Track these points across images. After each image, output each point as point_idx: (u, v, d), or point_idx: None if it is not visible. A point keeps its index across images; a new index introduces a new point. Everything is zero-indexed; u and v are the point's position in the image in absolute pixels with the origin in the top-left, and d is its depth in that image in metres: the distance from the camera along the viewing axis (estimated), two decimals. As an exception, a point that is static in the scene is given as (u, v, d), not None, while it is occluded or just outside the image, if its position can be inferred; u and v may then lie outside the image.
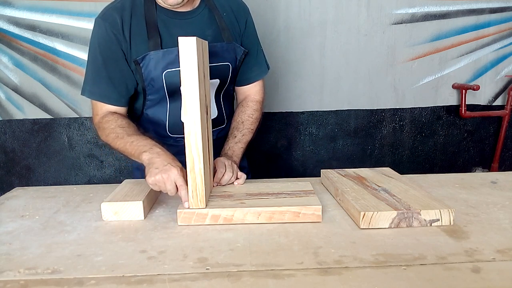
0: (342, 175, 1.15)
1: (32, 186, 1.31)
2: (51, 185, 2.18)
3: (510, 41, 2.29)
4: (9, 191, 1.21)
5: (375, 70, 2.23)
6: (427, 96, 2.30)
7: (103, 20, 1.13)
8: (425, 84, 2.28)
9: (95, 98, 1.17)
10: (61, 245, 0.83)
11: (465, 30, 2.23)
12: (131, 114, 1.29)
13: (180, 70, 0.86)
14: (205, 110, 0.97)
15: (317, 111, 2.27)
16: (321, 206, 0.91)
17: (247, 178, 1.12)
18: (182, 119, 0.98)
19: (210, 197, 0.99)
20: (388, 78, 2.25)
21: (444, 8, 2.19)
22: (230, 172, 1.08)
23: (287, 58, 2.17)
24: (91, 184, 1.50)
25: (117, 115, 1.16)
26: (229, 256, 0.76)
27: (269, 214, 0.90)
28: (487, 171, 2.44)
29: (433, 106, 2.32)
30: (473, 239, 0.81)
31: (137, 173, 1.34)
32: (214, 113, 1.27)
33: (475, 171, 2.45)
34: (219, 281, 0.67)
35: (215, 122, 1.26)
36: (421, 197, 0.94)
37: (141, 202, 0.95)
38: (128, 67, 1.16)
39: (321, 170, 1.21)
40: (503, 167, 2.45)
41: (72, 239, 0.85)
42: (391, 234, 0.84)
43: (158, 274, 0.70)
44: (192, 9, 1.19)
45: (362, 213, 0.86)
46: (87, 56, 1.17)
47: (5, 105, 2.11)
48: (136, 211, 0.95)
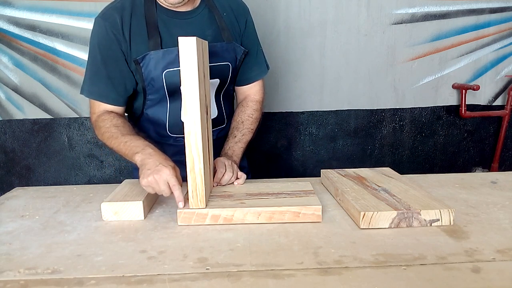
0: (342, 175, 1.15)
1: (32, 186, 1.31)
2: (51, 185, 2.18)
3: (510, 41, 2.28)
4: (9, 191, 1.21)
5: (375, 70, 2.23)
6: (427, 96, 2.30)
7: (103, 20, 1.13)
8: (425, 84, 2.28)
9: (93, 97, 1.17)
10: (61, 245, 0.83)
11: (465, 30, 2.23)
12: (131, 114, 1.30)
13: (180, 70, 0.86)
14: (205, 110, 0.97)
15: (317, 111, 2.26)
16: (321, 206, 0.91)
17: (247, 178, 1.13)
18: (182, 119, 0.98)
19: (210, 197, 0.99)
20: (388, 78, 2.25)
21: (444, 8, 2.19)
22: (230, 172, 1.08)
23: (287, 58, 2.17)
24: (91, 184, 1.50)
25: (113, 114, 1.15)
26: (229, 256, 0.76)
27: (269, 214, 0.90)
28: (487, 171, 2.44)
29: (433, 106, 2.32)
30: (473, 239, 0.81)
31: (137, 173, 1.31)
32: (214, 113, 1.27)
33: (475, 171, 2.45)
34: (219, 281, 0.67)
35: (215, 122, 1.26)
36: (421, 197, 0.94)
37: (141, 202, 0.95)
38: (128, 67, 1.16)
39: (321, 170, 1.21)
40: (503, 167, 2.45)
41: (72, 239, 0.85)
42: (391, 234, 0.84)
43: (158, 274, 0.70)
44: (192, 9, 1.19)
45: (362, 213, 0.86)
46: (87, 56, 1.17)
47: (5, 105, 2.11)
48: (136, 211, 0.95)
